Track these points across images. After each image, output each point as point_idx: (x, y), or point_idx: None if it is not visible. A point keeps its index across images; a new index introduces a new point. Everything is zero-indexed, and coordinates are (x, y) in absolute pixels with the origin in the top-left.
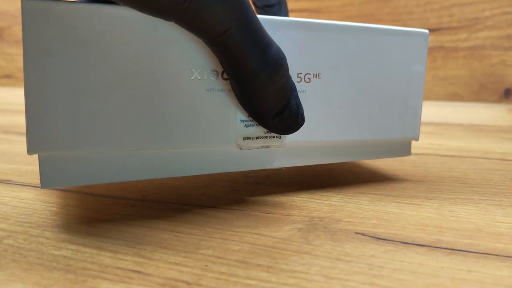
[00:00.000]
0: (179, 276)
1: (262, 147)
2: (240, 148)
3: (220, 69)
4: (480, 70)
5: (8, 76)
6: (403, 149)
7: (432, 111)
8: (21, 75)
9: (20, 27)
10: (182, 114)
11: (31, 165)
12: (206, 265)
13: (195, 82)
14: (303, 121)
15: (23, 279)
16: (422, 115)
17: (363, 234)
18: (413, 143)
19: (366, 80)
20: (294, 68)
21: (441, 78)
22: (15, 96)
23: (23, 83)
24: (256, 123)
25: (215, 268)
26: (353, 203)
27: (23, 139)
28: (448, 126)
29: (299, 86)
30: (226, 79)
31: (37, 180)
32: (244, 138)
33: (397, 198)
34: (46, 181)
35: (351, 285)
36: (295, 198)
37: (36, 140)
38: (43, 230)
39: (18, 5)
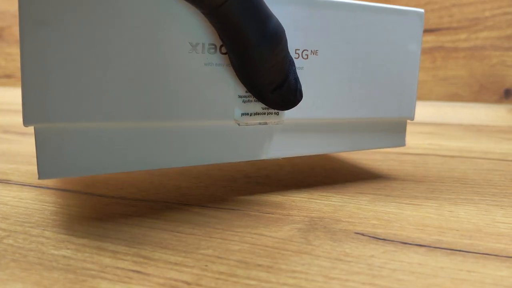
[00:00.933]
0: (179, 276)
1: (260, 123)
2: (238, 124)
3: (219, 43)
4: (480, 70)
5: (8, 76)
6: (398, 138)
7: (432, 111)
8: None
9: None
10: (180, 88)
11: (31, 165)
12: (206, 265)
13: (193, 56)
14: (301, 96)
15: (22, 279)
16: (422, 116)
17: (363, 234)
18: (413, 143)
19: (363, 58)
20: (292, 44)
21: (441, 78)
22: (15, 96)
23: None
24: (254, 98)
25: (215, 268)
26: (353, 203)
27: (23, 139)
28: (448, 126)
29: (297, 63)
30: (224, 54)
31: (37, 180)
32: (242, 114)
33: (397, 198)
34: (43, 168)
35: (351, 285)
36: (295, 198)
37: (32, 110)
38: (43, 230)
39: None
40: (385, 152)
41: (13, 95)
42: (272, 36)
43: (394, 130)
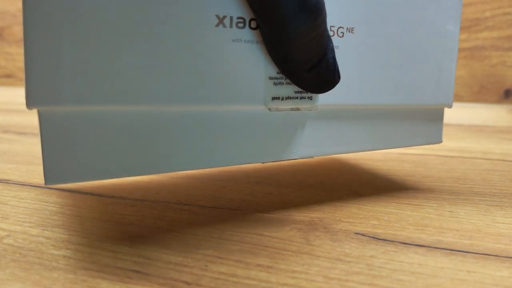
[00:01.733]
0: (179, 276)
1: (292, 109)
2: (269, 109)
3: (248, 17)
4: (480, 70)
5: (8, 76)
6: (435, 131)
7: None
8: (21, 75)
9: (21, 27)
10: (205, 67)
11: (31, 164)
12: (206, 265)
13: (219, 31)
14: (339, 77)
15: (22, 279)
16: None
17: (362, 235)
18: None
19: (400, 38)
20: (327, 20)
21: None
22: (15, 95)
23: (23, 83)
24: (286, 80)
25: (214, 268)
26: (353, 203)
27: (23, 139)
28: (448, 127)
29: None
30: (254, 29)
31: (37, 180)
32: (273, 98)
33: (396, 199)
34: (51, 169)
35: (351, 285)
36: (295, 198)
37: (37, 90)
38: (43, 229)
39: (18, 5)
40: (385, 152)
41: (13, 95)
42: (312, 6)
43: (430, 122)
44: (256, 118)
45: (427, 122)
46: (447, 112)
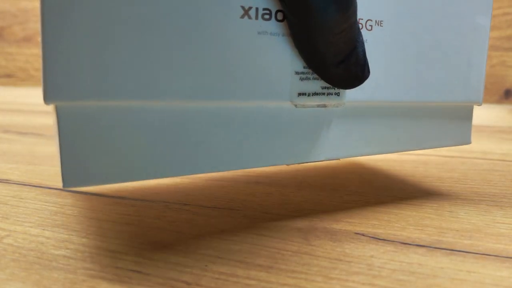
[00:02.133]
0: (179, 276)
1: (318, 105)
2: (295, 106)
3: (274, 8)
4: None
5: (9, 76)
6: (464, 131)
7: None
8: (21, 74)
9: (21, 27)
10: (229, 60)
11: (31, 164)
12: (206, 265)
13: (245, 23)
14: (369, 72)
15: (22, 279)
16: None
17: (362, 235)
18: None
19: (430, 32)
20: None
21: None
22: (15, 95)
23: (23, 83)
24: (313, 75)
25: (215, 268)
26: (353, 203)
27: (23, 139)
28: None
29: None
30: (280, 21)
31: (37, 180)
32: (299, 94)
33: (396, 199)
34: (69, 171)
35: (351, 285)
36: (295, 198)
37: (54, 85)
38: (43, 229)
39: (18, 4)
40: None
41: (13, 95)
42: None
43: (459, 122)
44: (281, 116)
45: (455, 121)
46: None
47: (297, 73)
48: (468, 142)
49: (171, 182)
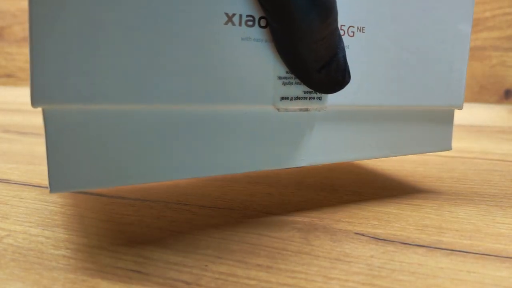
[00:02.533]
0: (179, 276)
1: (301, 109)
2: (278, 110)
3: (257, 15)
4: (480, 71)
5: (9, 76)
6: (444, 140)
7: None
8: (21, 74)
9: (21, 27)
10: (213, 65)
11: (31, 164)
12: (206, 265)
13: (229, 29)
14: (350, 77)
15: (22, 278)
16: None
17: (362, 235)
18: None
19: (411, 37)
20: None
21: None
22: (16, 95)
23: (23, 83)
24: (295, 80)
25: (214, 268)
26: (353, 203)
27: (23, 138)
28: None
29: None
30: (263, 27)
31: (37, 180)
32: (282, 98)
33: (396, 199)
34: (56, 174)
35: (351, 285)
36: (295, 198)
37: (42, 88)
38: (43, 229)
39: (18, 4)
40: None
41: (13, 95)
42: (323, 4)
43: (440, 128)
44: (263, 121)
45: (437, 126)
46: None
47: (279, 78)
48: (449, 147)
49: (171, 182)
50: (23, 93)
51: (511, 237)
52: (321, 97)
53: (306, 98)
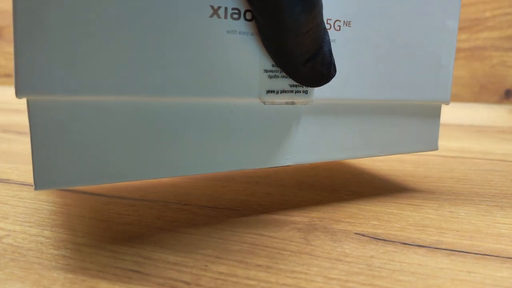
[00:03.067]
0: (178, 276)
1: (287, 103)
2: (264, 103)
3: (243, 8)
4: (481, 71)
5: (8, 75)
6: (431, 140)
7: None
8: None
9: None
10: (199, 58)
11: (30, 164)
12: (206, 265)
13: (214, 22)
14: (335, 71)
15: (22, 278)
16: None
17: (363, 235)
18: None
19: (398, 32)
20: (324, 13)
21: None
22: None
23: None
24: (281, 74)
25: (214, 268)
26: (353, 203)
27: (23, 138)
28: (448, 127)
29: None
30: (248, 20)
31: None
32: (268, 91)
33: (397, 199)
34: (41, 169)
35: (351, 285)
36: (295, 198)
37: (26, 79)
38: (42, 229)
39: None
40: None
41: (13, 95)
42: None
43: (427, 128)
44: (249, 118)
45: (424, 126)
46: (447, 112)
47: (265, 71)
48: (435, 147)
49: (171, 182)
50: None
51: (511, 238)
52: (307, 90)
53: (292, 91)
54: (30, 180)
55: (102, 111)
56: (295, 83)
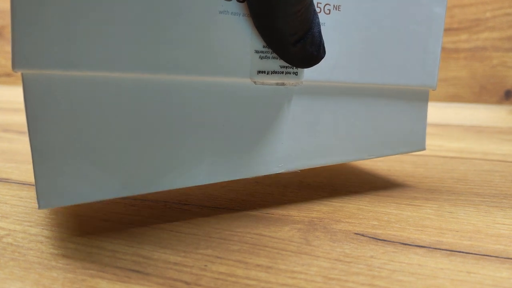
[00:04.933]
0: (178, 276)
1: (277, 84)
2: (254, 83)
3: None
4: (481, 71)
5: (8, 75)
6: (418, 141)
7: (432, 112)
8: None
9: None
10: (191, 37)
11: (30, 164)
12: (205, 265)
13: (206, 2)
14: (325, 52)
15: (22, 278)
16: None
17: (362, 235)
18: None
19: (387, 17)
20: None
21: (442, 79)
22: (15, 94)
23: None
24: (272, 55)
25: (214, 268)
26: (353, 203)
27: (23, 138)
28: (448, 127)
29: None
30: (240, 1)
31: None
32: (259, 72)
33: (396, 199)
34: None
35: (350, 286)
36: (295, 198)
37: (23, 52)
38: (42, 229)
39: None
40: None
41: (13, 94)
42: None
43: (414, 127)
44: (237, 99)
45: (411, 125)
46: (447, 112)
47: (257, 51)
48: (422, 147)
49: None
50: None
51: (511, 238)
52: (297, 72)
53: (282, 72)
54: (30, 179)
55: (96, 87)
56: (285, 64)
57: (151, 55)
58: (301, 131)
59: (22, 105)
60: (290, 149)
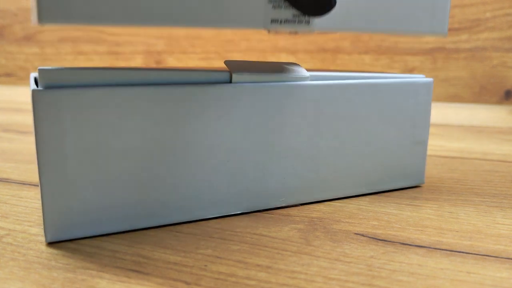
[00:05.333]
0: (178, 276)
1: (290, 32)
2: (268, 31)
3: None
4: (481, 71)
5: (9, 75)
6: (418, 176)
7: (432, 112)
8: (21, 73)
9: (21, 26)
10: None
11: (30, 163)
12: (205, 265)
13: None
14: (335, 2)
15: (22, 278)
16: None
17: (362, 235)
18: None
19: None
20: None
21: (442, 79)
22: (15, 94)
23: (23, 82)
24: (285, 4)
25: (214, 268)
26: (353, 204)
27: (23, 138)
28: (448, 127)
29: None
30: None
31: (36, 179)
32: (272, 21)
33: (396, 199)
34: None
35: (350, 286)
36: None
37: (48, 5)
38: (42, 229)
39: (18, 3)
40: None
41: (13, 94)
42: None
43: (411, 178)
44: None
45: (411, 158)
46: (447, 112)
47: (269, 1)
48: (422, 181)
49: None
50: (23, 92)
51: (511, 238)
52: (309, 21)
53: (295, 21)
54: (30, 179)
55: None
56: (298, 13)
57: (165, 5)
58: (303, 167)
59: (22, 105)
60: (292, 184)
